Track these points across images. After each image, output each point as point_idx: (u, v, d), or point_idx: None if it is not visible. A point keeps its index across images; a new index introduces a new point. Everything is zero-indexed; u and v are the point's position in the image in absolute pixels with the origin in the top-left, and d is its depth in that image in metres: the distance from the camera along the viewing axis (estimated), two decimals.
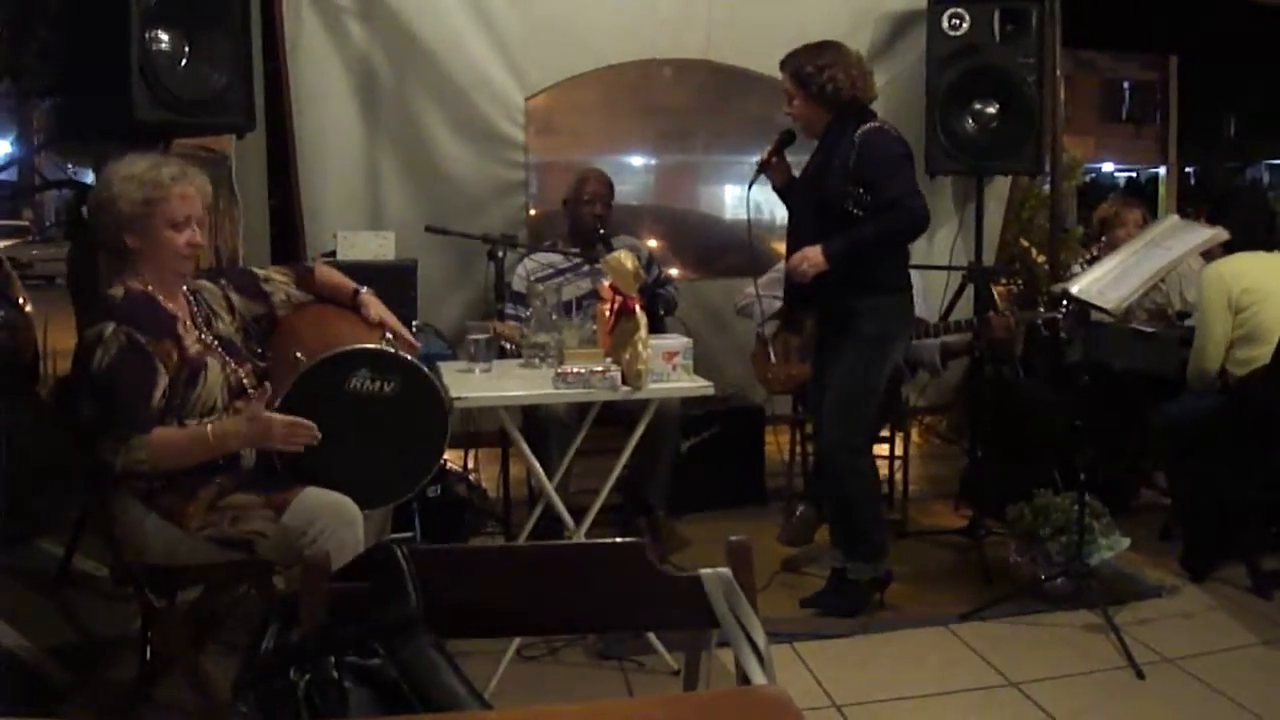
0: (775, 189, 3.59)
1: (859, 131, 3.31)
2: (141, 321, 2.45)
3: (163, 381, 2.45)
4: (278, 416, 2.39)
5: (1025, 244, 5.58)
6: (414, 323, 3.62)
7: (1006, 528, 3.79)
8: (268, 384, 2.46)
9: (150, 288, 2.55)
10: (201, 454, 2.46)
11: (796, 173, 3.54)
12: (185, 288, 2.65)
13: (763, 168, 3.51)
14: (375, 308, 2.79)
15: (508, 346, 3.44)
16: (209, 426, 2.47)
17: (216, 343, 2.63)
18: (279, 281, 2.81)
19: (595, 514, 3.09)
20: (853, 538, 3.53)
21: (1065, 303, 3.87)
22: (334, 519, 2.42)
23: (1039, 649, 3.24)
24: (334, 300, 2.83)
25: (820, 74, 3.33)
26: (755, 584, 1.52)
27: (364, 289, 2.82)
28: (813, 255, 3.27)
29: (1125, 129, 22.19)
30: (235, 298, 2.74)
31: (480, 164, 4.53)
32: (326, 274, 2.89)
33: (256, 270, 2.86)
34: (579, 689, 3.01)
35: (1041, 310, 4.26)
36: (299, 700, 1.32)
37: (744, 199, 3.59)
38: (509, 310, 3.91)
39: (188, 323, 2.59)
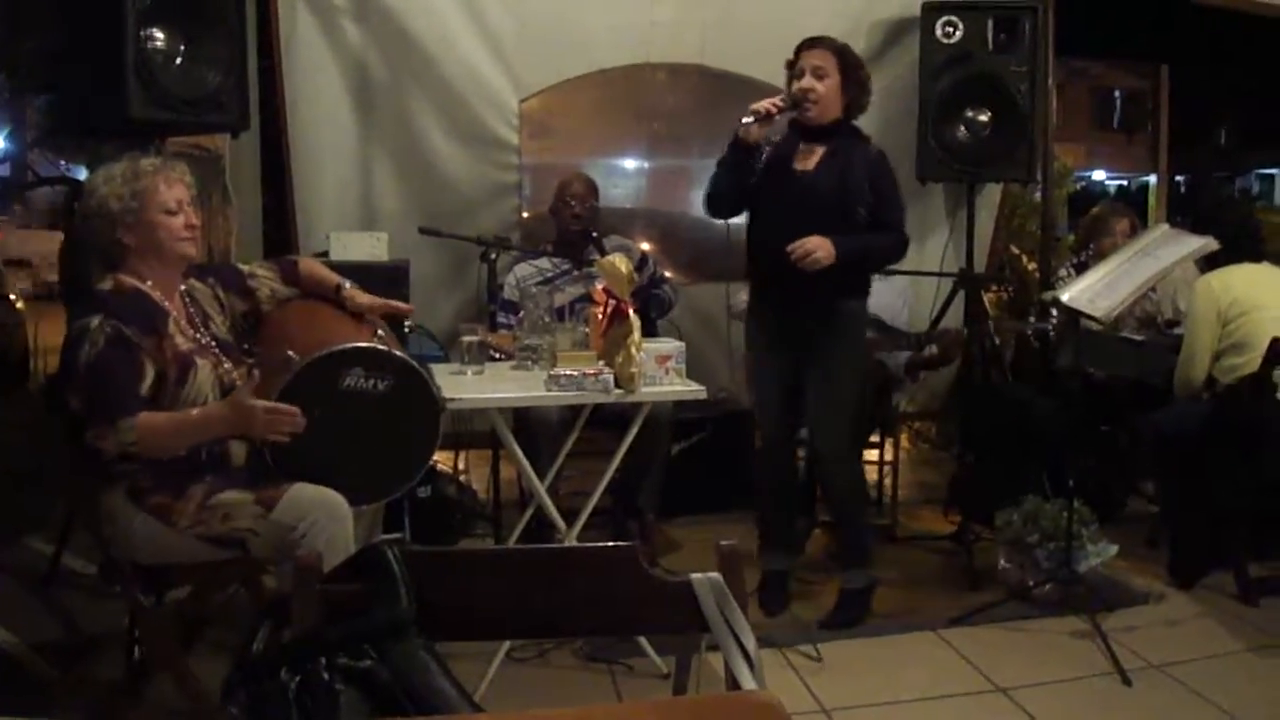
0: (742, 145, 3.30)
1: (875, 149, 3.40)
2: (129, 316, 2.46)
3: (149, 374, 2.45)
4: (260, 403, 2.38)
5: (1016, 251, 5.60)
6: (406, 324, 3.62)
7: (995, 534, 3.80)
8: (255, 372, 2.46)
9: (149, 284, 2.56)
10: (188, 437, 2.46)
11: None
12: (182, 287, 2.65)
13: (759, 116, 3.25)
14: (361, 298, 2.79)
15: (497, 356, 3.44)
16: (194, 411, 2.47)
17: (213, 343, 2.63)
18: (264, 277, 2.82)
19: (586, 517, 3.10)
20: (853, 546, 3.55)
21: (1054, 310, 3.89)
22: (324, 515, 2.42)
23: (1027, 655, 3.25)
24: (318, 295, 2.83)
25: (860, 67, 3.39)
26: (745, 589, 1.53)
27: (347, 283, 2.82)
28: (827, 247, 3.19)
29: (1116, 137, 22.23)
30: (223, 295, 2.75)
31: (473, 166, 4.53)
32: (310, 268, 2.89)
33: (241, 266, 2.86)
34: (568, 692, 3.01)
35: (1031, 320, 4.28)
36: (290, 701, 1.32)
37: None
38: (500, 319, 3.91)
39: (181, 322, 2.59)
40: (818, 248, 3.19)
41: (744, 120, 3.24)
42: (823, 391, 3.41)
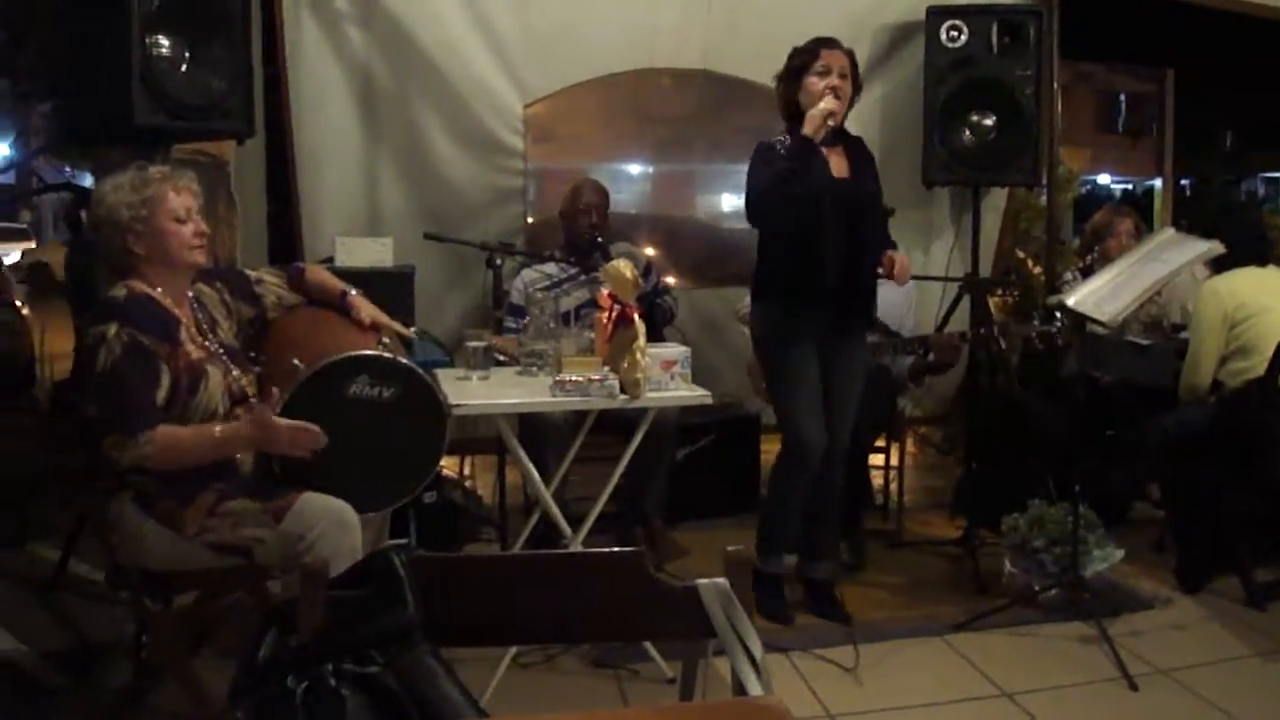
0: (806, 142, 3.23)
1: (867, 148, 3.51)
2: (143, 323, 2.46)
3: (166, 381, 2.45)
4: (285, 421, 2.40)
5: (1021, 255, 5.60)
6: (412, 329, 3.62)
7: (1001, 538, 3.79)
8: (276, 390, 2.47)
9: (159, 290, 2.56)
10: (207, 453, 2.46)
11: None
12: (189, 293, 2.65)
13: (828, 116, 3.22)
14: (365, 309, 2.80)
15: (502, 359, 3.43)
16: (216, 427, 2.47)
17: (221, 350, 2.64)
18: (271, 283, 2.82)
19: (591, 522, 3.10)
20: (832, 538, 3.63)
21: (1060, 315, 3.88)
22: (332, 525, 2.42)
23: (1033, 660, 3.25)
24: (323, 302, 2.84)
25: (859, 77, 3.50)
26: (752, 595, 1.53)
27: (352, 290, 2.83)
28: (907, 261, 3.39)
29: (1122, 141, 22.19)
30: (230, 300, 2.75)
31: (479, 171, 4.53)
32: (316, 275, 2.90)
33: (248, 272, 2.87)
34: (574, 697, 3.01)
35: (1036, 324, 4.27)
36: (296, 707, 1.32)
37: (739, 208, 3.59)
38: (508, 323, 3.91)
39: (191, 329, 2.59)
40: (903, 260, 3.36)
41: (828, 121, 3.22)
42: (850, 389, 3.49)
